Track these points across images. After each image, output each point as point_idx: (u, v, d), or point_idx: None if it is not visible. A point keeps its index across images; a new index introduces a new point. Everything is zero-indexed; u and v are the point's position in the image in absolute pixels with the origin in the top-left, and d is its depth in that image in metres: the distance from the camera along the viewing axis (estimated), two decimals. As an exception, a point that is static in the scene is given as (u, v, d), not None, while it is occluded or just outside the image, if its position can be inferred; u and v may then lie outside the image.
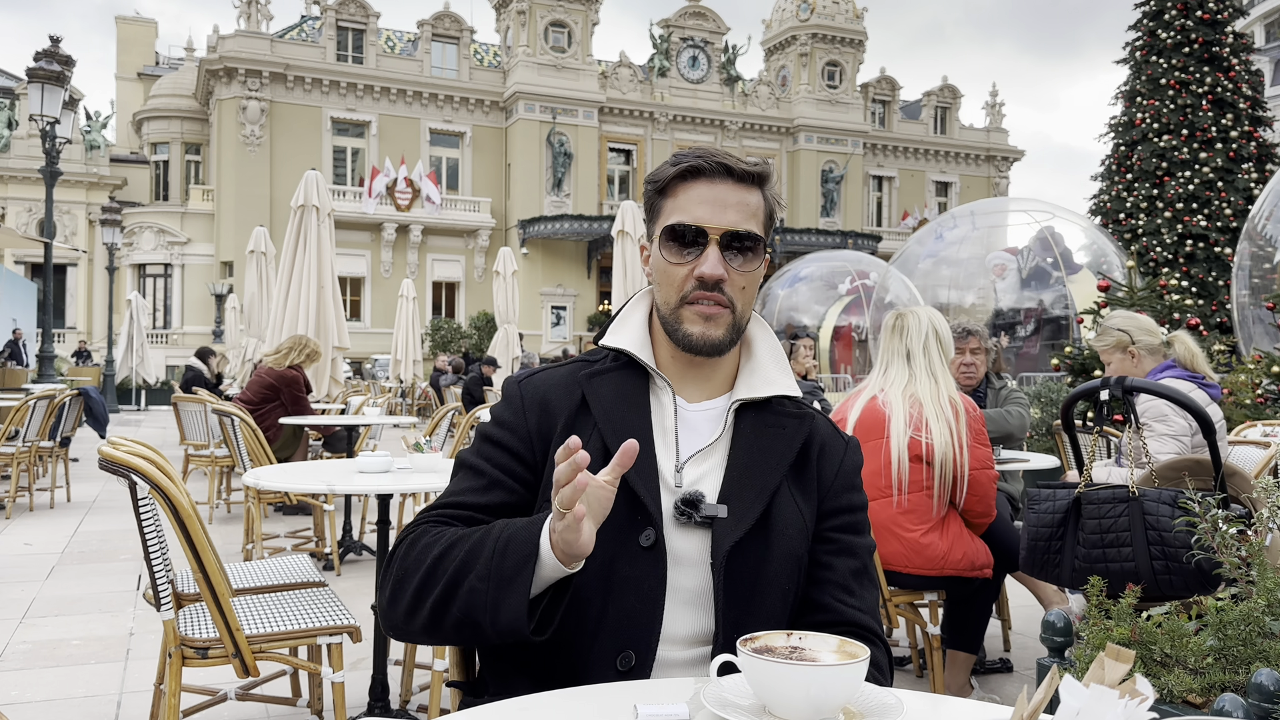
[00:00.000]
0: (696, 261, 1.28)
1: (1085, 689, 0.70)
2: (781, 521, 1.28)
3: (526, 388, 1.37)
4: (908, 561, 2.93)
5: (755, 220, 1.31)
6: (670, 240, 1.30)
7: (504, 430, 1.35)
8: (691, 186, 1.30)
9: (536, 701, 1.01)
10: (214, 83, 34.64)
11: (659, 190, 1.34)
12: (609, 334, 1.39)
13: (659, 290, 1.35)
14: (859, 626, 1.29)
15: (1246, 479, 2.56)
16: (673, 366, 1.35)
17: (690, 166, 1.30)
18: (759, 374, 1.36)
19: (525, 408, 1.35)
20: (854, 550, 1.34)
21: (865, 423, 2.99)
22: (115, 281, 26.99)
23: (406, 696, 3.17)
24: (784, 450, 1.32)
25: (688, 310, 1.30)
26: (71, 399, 8.05)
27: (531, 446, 1.32)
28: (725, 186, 1.29)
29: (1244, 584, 1.80)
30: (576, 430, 1.31)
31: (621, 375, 1.35)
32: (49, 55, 12.28)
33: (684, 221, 1.29)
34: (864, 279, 22.79)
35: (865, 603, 1.32)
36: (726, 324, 1.30)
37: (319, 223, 8.73)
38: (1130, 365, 3.43)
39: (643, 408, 1.32)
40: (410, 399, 19.72)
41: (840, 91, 41.64)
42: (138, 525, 2.30)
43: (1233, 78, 15.93)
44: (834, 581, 1.31)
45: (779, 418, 1.34)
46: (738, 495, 1.27)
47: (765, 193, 1.33)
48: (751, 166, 1.31)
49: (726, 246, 1.28)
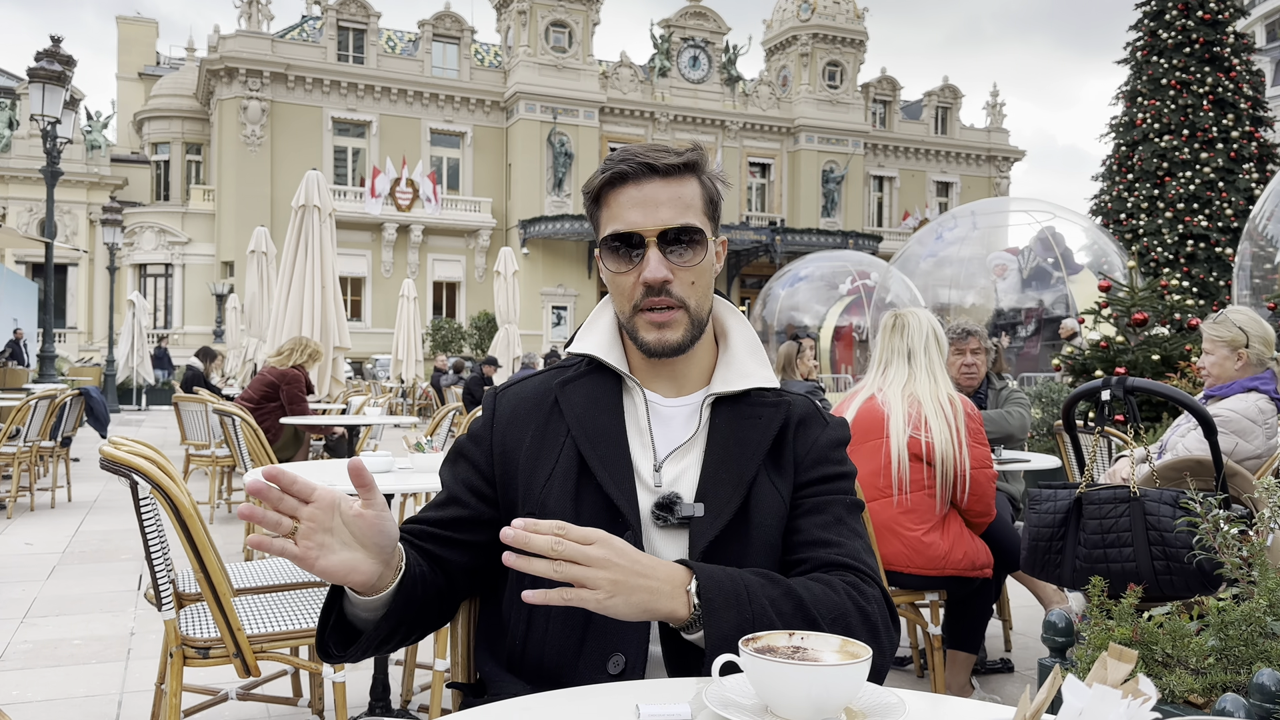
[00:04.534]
0: (639, 267, 1.26)
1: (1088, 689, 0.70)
2: (760, 512, 1.26)
3: (501, 399, 1.38)
4: (909, 561, 2.92)
5: (692, 211, 1.28)
6: (610, 250, 1.29)
7: (472, 443, 1.36)
8: (621, 191, 1.28)
9: (537, 701, 1.01)
10: (215, 83, 34.66)
11: (593, 200, 1.32)
12: (577, 340, 1.39)
13: (615, 301, 1.34)
14: (840, 565, 1.23)
15: (1248, 479, 2.56)
16: (645, 366, 1.34)
17: (615, 173, 1.28)
18: (734, 367, 1.34)
19: (494, 420, 1.36)
20: (821, 508, 1.29)
21: (863, 422, 2.98)
22: (116, 281, 26.99)
23: (407, 696, 3.16)
24: (759, 439, 1.30)
25: (640, 319, 1.28)
26: (72, 399, 8.05)
27: (492, 460, 1.33)
28: (654, 185, 1.27)
29: (1245, 584, 1.80)
30: (548, 437, 1.31)
31: (593, 380, 1.34)
32: (50, 55, 12.28)
33: (618, 229, 1.27)
34: (865, 279, 22.77)
35: (845, 549, 1.26)
36: (683, 326, 1.28)
37: (320, 223, 8.73)
38: (1231, 364, 3.33)
39: (615, 410, 1.31)
40: (411, 399, 19.72)
41: (841, 92, 41.63)
42: (139, 525, 2.30)
43: (1234, 78, 15.93)
44: (805, 541, 1.27)
45: (755, 408, 1.32)
46: (714, 491, 1.25)
47: (701, 179, 1.30)
48: (677, 158, 1.28)
49: (666, 245, 1.26)
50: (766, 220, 40.51)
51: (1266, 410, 3.17)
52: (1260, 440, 3.13)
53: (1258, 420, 3.15)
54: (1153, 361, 6.47)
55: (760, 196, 41.90)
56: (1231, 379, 3.34)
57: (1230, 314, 3.44)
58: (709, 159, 1.34)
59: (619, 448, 1.28)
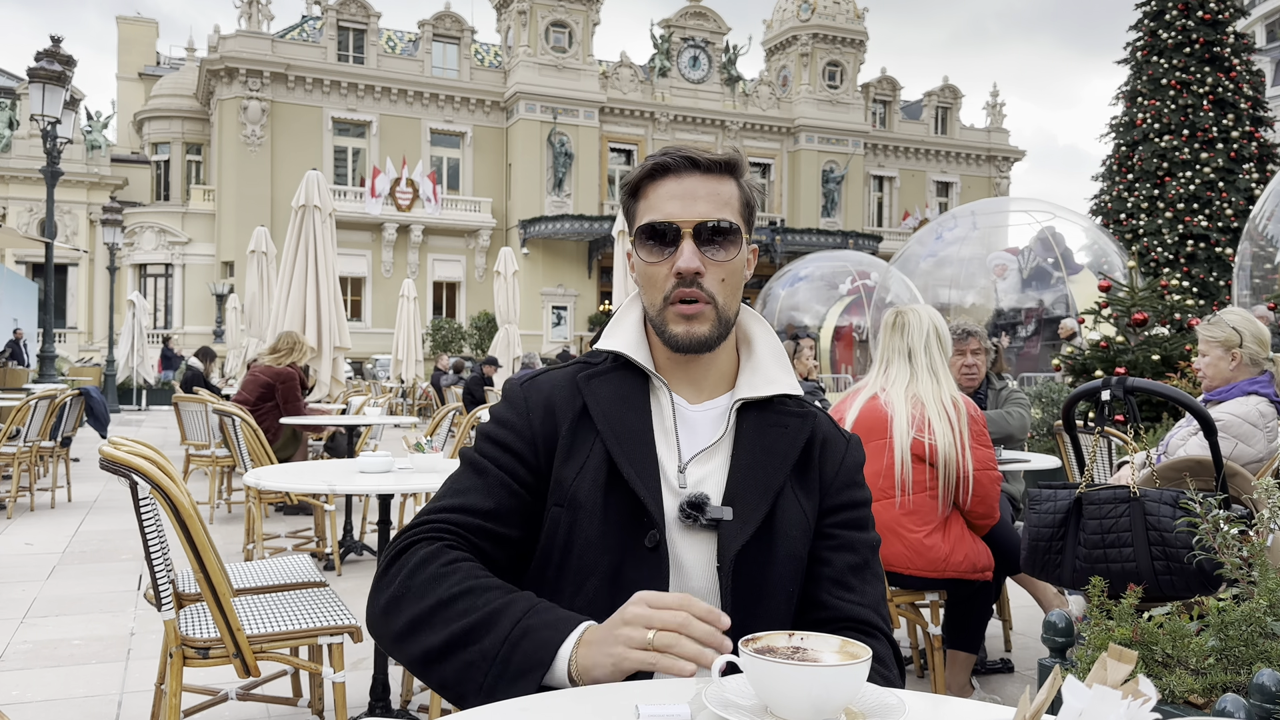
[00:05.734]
0: (673, 258, 1.27)
1: (1088, 689, 0.70)
2: (785, 523, 1.27)
3: (530, 389, 1.35)
4: (909, 563, 2.92)
5: (729, 209, 1.29)
6: (646, 240, 1.29)
7: (508, 431, 1.31)
8: (660, 184, 1.30)
9: (537, 701, 1.01)
10: (215, 83, 34.65)
11: (631, 194, 1.33)
12: (605, 336, 1.38)
13: (644, 293, 1.34)
14: (859, 621, 1.27)
15: (1247, 479, 2.56)
16: (670, 367, 1.34)
17: (657, 164, 1.30)
18: (760, 373, 1.35)
19: (530, 409, 1.32)
20: (853, 545, 1.32)
21: (866, 422, 2.97)
22: (116, 281, 26.99)
23: (407, 696, 3.17)
24: (787, 450, 1.30)
25: (670, 311, 1.28)
26: (72, 399, 8.05)
27: (535, 448, 1.30)
28: (694, 179, 1.29)
29: (1245, 584, 1.80)
30: (580, 431, 1.29)
31: (619, 376, 1.34)
32: (50, 55, 12.28)
33: (655, 219, 1.28)
34: (865, 279, 22.76)
35: (866, 597, 1.29)
36: (710, 320, 1.28)
37: (320, 223, 8.73)
38: (1226, 365, 3.33)
39: (642, 408, 1.31)
40: (411, 399, 19.72)
41: (841, 92, 41.63)
42: (139, 525, 2.30)
43: (1234, 78, 15.93)
44: (830, 578, 1.29)
45: (781, 416, 1.33)
46: (742, 497, 1.26)
47: (739, 182, 1.32)
48: (719, 156, 1.30)
49: (701, 238, 1.27)
50: (766, 220, 40.49)
51: (1267, 414, 3.16)
52: (1261, 444, 3.12)
53: (1258, 424, 3.14)
54: (1153, 361, 6.47)
55: (760, 196, 41.88)
56: (1227, 379, 3.33)
57: (1225, 314, 3.44)
58: (748, 166, 1.35)
59: (646, 446, 1.27)
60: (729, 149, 1.35)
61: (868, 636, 1.25)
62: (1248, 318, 3.43)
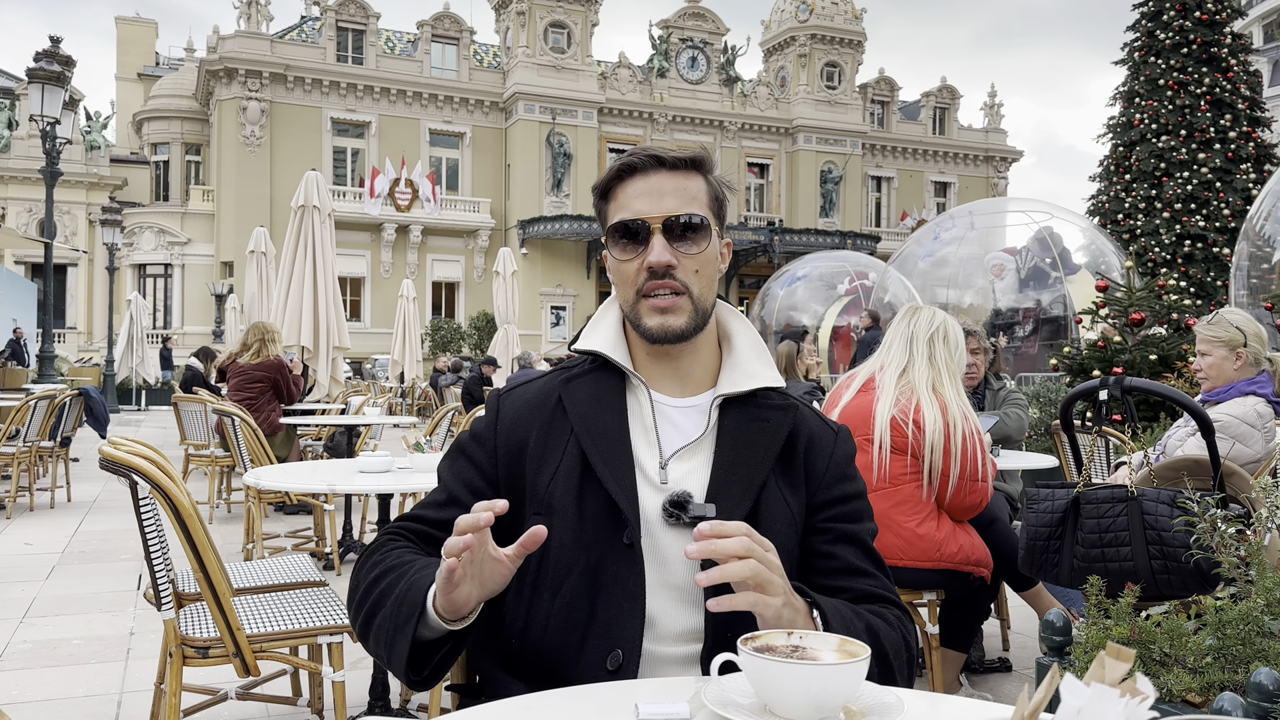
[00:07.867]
0: (644, 254, 1.29)
1: (1086, 688, 0.71)
2: (769, 517, 1.28)
3: (505, 400, 1.39)
4: (902, 553, 2.89)
5: (697, 203, 1.32)
6: (618, 239, 1.31)
7: (474, 443, 1.37)
8: (629, 184, 1.32)
9: (537, 701, 1.01)
10: (214, 83, 34.63)
11: (602, 196, 1.36)
12: (582, 338, 1.40)
13: (618, 291, 1.36)
14: (882, 599, 1.30)
15: (1245, 479, 2.57)
16: (649, 364, 1.36)
17: (624, 165, 1.33)
18: (740, 368, 1.36)
19: (498, 421, 1.36)
20: (854, 536, 1.34)
21: (855, 417, 2.95)
22: (115, 282, 26.96)
23: (407, 696, 3.17)
24: (769, 444, 1.31)
25: (644, 305, 1.30)
26: (72, 399, 8.05)
27: (495, 461, 1.34)
28: (660, 177, 1.31)
29: (1243, 583, 1.81)
30: (553, 436, 1.32)
31: (596, 377, 1.35)
32: (49, 55, 12.28)
33: (625, 217, 1.30)
34: (863, 279, 22.76)
35: (879, 581, 1.32)
36: (686, 312, 1.30)
37: (319, 223, 8.74)
38: (1230, 365, 3.32)
39: (618, 407, 1.32)
40: (410, 399, 19.72)
41: (839, 92, 41.64)
42: (138, 525, 2.30)
43: (1231, 78, 15.95)
44: (842, 569, 1.31)
45: (763, 410, 1.34)
46: (725, 493, 1.27)
47: (707, 178, 1.34)
48: (685, 153, 1.33)
49: (672, 233, 1.29)
50: (765, 220, 40.49)
51: (1265, 414, 3.16)
52: (1259, 445, 3.12)
53: (1256, 425, 3.14)
54: (1150, 361, 6.48)
55: (759, 197, 41.90)
56: (1230, 379, 3.33)
57: (1225, 314, 3.43)
58: (716, 163, 1.37)
59: (621, 445, 1.29)
60: (698, 147, 1.38)
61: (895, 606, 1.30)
62: (1247, 316, 3.43)
